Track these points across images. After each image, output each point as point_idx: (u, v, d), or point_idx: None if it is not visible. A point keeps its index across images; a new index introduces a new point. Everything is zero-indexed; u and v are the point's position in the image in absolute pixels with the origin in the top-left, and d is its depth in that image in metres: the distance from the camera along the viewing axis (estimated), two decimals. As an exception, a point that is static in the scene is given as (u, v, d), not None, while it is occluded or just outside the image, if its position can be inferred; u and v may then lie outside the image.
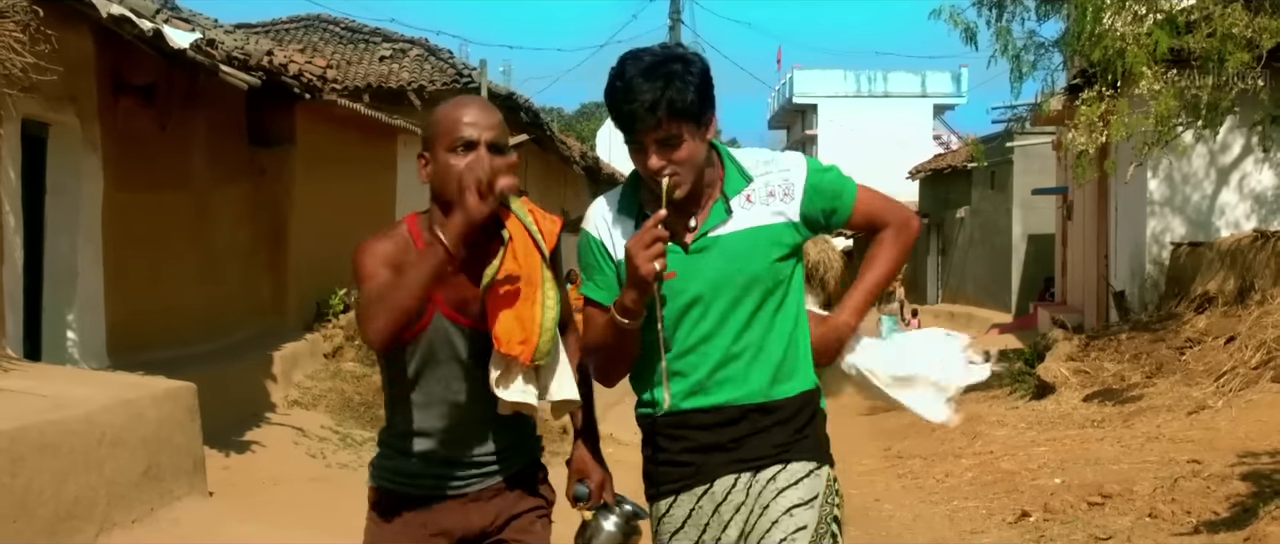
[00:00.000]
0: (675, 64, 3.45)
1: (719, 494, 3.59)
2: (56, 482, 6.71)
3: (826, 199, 3.63)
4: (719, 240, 3.55)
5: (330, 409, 12.29)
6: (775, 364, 3.59)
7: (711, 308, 3.54)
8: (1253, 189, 19.70)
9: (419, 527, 3.65)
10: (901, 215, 3.79)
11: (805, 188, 3.60)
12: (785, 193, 3.60)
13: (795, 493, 3.55)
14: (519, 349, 3.50)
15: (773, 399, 3.58)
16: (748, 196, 3.58)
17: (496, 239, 3.51)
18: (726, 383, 3.56)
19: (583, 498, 3.69)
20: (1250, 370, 12.74)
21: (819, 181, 3.63)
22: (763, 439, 3.57)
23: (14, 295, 8.89)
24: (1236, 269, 15.83)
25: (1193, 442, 10.92)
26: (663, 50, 3.51)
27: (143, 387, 8.37)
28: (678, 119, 3.40)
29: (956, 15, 17.91)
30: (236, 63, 10.99)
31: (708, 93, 3.47)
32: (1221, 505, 8.64)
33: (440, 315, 3.53)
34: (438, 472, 3.64)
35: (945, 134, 65.08)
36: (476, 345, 3.56)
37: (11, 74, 7.95)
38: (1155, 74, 15.11)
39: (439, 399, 3.61)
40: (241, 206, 13.44)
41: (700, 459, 3.60)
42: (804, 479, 3.57)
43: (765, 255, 3.55)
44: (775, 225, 3.57)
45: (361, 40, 25.39)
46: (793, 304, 3.64)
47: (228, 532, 7.93)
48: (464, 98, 3.68)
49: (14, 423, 6.60)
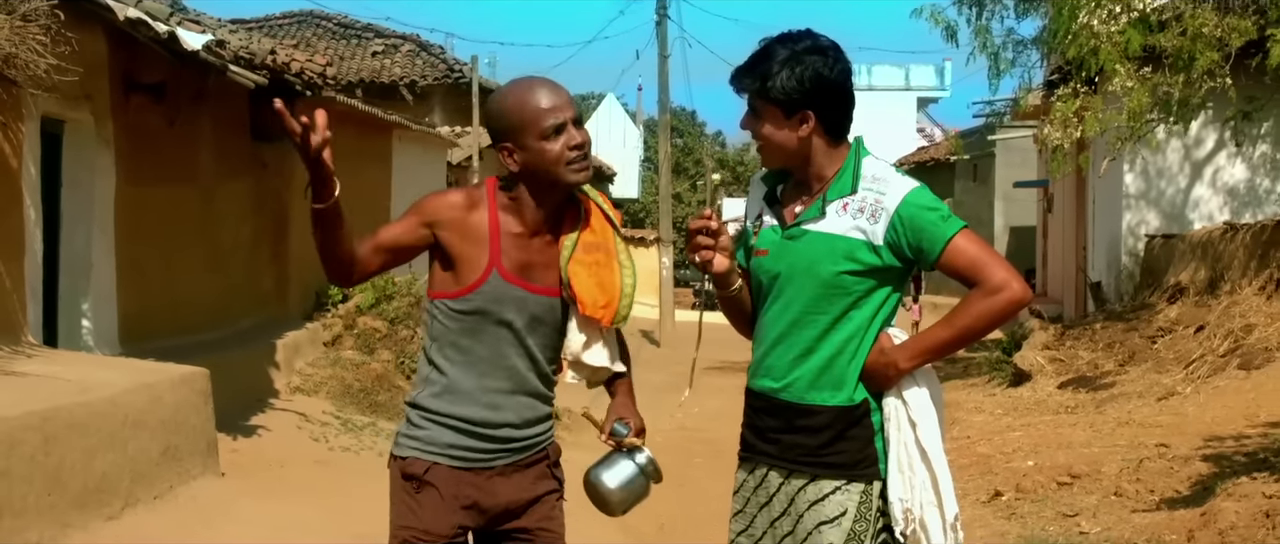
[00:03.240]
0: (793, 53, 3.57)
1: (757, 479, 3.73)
2: (86, 459, 7.12)
3: (914, 235, 3.55)
4: (807, 234, 3.62)
5: (331, 395, 12.54)
6: (817, 370, 3.61)
7: (782, 294, 3.64)
8: (1225, 183, 20.05)
9: (451, 498, 3.71)
10: (997, 279, 3.54)
11: (893, 217, 3.55)
12: (873, 215, 3.57)
13: (823, 509, 3.62)
14: (601, 312, 3.70)
15: (806, 402, 3.63)
16: (845, 204, 3.59)
17: (568, 217, 3.73)
18: (772, 371, 3.68)
19: (622, 435, 3.76)
20: (1218, 358, 13.06)
21: (910, 215, 3.54)
22: (794, 441, 3.65)
23: (34, 285, 9.21)
24: (1207, 260, 16.15)
25: (1161, 426, 11.23)
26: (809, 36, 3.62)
27: (160, 372, 8.75)
28: (759, 96, 3.59)
29: (937, 14, 18.23)
30: (242, 62, 11.35)
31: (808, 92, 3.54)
32: (1183, 484, 8.97)
33: (497, 275, 3.65)
34: (470, 444, 3.71)
35: (929, 127, 65.25)
36: (529, 312, 3.70)
37: (36, 75, 8.30)
38: (1128, 71, 15.35)
39: (484, 360, 3.70)
40: (245, 200, 13.70)
41: (752, 439, 3.76)
42: (831, 496, 3.61)
43: (832, 264, 3.57)
44: (851, 240, 3.56)
45: (354, 36, 25.65)
46: (860, 320, 3.61)
47: (241, 509, 8.29)
48: (530, 82, 3.75)
49: (46, 404, 7.02)
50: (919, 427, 3.64)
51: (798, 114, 3.57)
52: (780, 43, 3.60)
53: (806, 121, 3.58)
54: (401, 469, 3.76)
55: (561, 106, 3.61)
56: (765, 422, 3.70)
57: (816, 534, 3.60)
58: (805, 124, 3.58)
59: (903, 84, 67.22)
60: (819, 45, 3.59)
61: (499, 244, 3.66)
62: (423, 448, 3.73)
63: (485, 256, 3.65)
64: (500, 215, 3.68)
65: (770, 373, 3.68)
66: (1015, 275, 3.56)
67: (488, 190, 3.73)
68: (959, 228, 3.54)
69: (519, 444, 3.77)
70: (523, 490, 3.79)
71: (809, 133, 3.60)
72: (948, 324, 3.61)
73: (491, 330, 3.69)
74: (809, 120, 3.58)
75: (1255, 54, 15.18)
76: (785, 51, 3.57)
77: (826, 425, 3.62)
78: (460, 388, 3.71)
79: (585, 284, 3.69)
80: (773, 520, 3.69)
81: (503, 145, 3.66)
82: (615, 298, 3.73)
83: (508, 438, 3.74)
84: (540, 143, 3.58)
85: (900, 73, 67.35)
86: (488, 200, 3.70)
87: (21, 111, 8.84)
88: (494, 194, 3.71)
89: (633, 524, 9.04)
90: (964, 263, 3.54)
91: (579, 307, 3.69)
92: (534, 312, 3.71)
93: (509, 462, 3.76)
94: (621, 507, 3.76)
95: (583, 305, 3.68)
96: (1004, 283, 3.52)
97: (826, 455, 3.62)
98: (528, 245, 3.69)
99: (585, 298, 3.68)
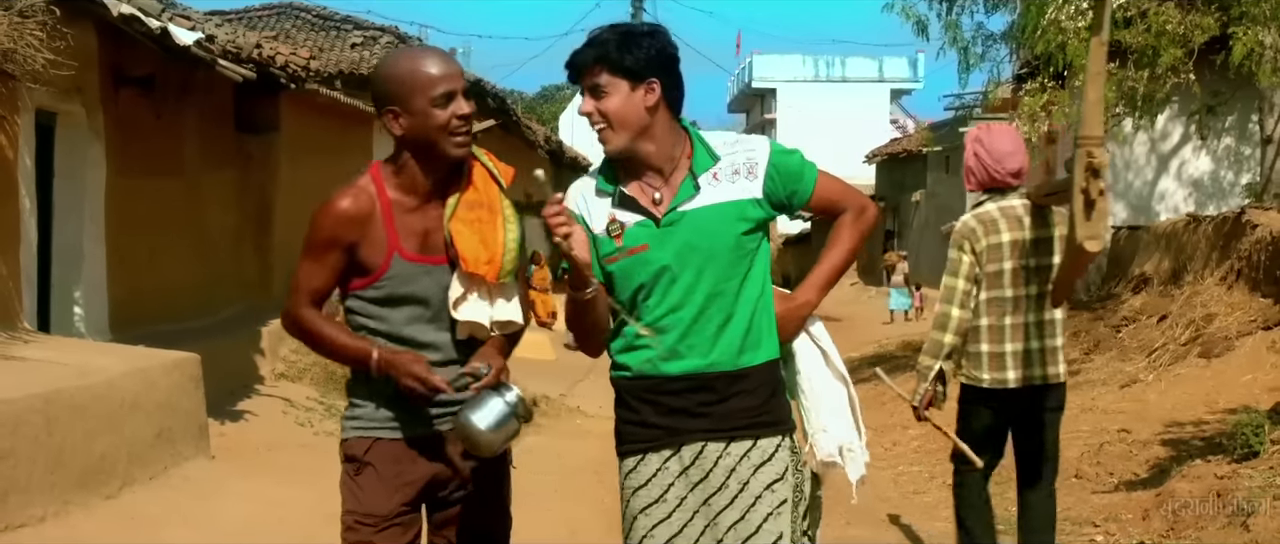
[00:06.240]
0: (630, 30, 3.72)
1: (686, 458, 3.70)
2: (86, 440, 7.36)
3: (788, 181, 3.75)
4: (687, 215, 3.68)
5: (315, 382, 12.73)
6: (742, 334, 3.71)
7: (680, 278, 3.66)
8: (1191, 175, 20.37)
9: (393, 476, 3.74)
10: (859, 201, 3.89)
11: (768, 168, 3.73)
12: (749, 171, 3.72)
13: (771, 470, 3.71)
14: (485, 268, 3.71)
15: (739, 367, 3.70)
16: (714, 174, 3.71)
17: (453, 182, 3.73)
18: (695, 350, 3.68)
19: (481, 376, 3.69)
20: (1180, 346, 13.31)
21: (781, 163, 3.75)
22: (730, 407, 3.69)
23: (29, 273, 9.44)
24: (1171, 251, 16.38)
25: (1123, 413, 11.50)
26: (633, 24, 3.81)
27: (153, 357, 8.98)
28: (607, 70, 3.65)
29: (908, 8, 18.35)
30: (230, 56, 11.57)
31: (654, 61, 3.66)
32: (1142, 468, 9.30)
33: (399, 257, 3.69)
34: (408, 411, 3.73)
35: (902, 118, 65.40)
36: (440, 282, 3.72)
37: (33, 70, 8.54)
38: (1095, 67, 15.69)
39: (408, 340, 3.72)
40: (230, 191, 13.91)
41: (670, 422, 3.71)
42: (775, 454, 3.72)
43: (731, 229, 3.69)
44: (741, 201, 3.70)
45: (333, 27, 25.66)
46: (758, 277, 3.75)
47: (233, 488, 8.53)
48: (422, 50, 3.80)
49: (46, 388, 7.25)
50: (829, 354, 3.96)
51: (644, 82, 3.65)
52: (611, 29, 3.71)
53: (653, 89, 3.66)
54: (345, 452, 3.80)
55: (453, 75, 3.64)
56: (691, 400, 3.71)
57: (769, 494, 3.70)
58: (652, 92, 3.66)
59: (876, 76, 67.40)
60: (650, 28, 3.76)
61: (394, 226, 3.68)
62: (364, 426, 3.77)
63: (385, 242, 3.67)
64: (391, 195, 3.70)
65: (693, 352, 3.70)
66: (866, 198, 3.97)
67: (372, 176, 3.74)
68: (816, 167, 3.84)
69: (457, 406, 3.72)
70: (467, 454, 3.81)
71: (655, 101, 3.67)
72: (833, 249, 3.89)
73: (408, 310, 3.72)
74: (655, 88, 3.66)
75: (1219, 50, 15.48)
76: (620, 32, 3.69)
77: (762, 383, 3.75)
78: None
79: (468, 242, 3.70)
80: (708, 497, 3.71)
81: (388, 109, 3.65)
82: (499, 254, 3.73)
83: (446, 401, 3.72)
84: (429, 108, 3.60)
85: (873, 64, 67.49)
86: (375, 185, 3.72)
87: (17, 105, 9.06)
88: (380, 177, 3.73)
89: (611, 505, 9.32)
90: (834, 194, 3.86)
91: (462, 263, 3.69)
92: (443, 282, 3.74)
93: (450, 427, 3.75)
94: (490, 447, 3.71)
95: (464, 262, 3.69)
96: (866, 203, 3.94)
97: (764, 414, 3.74)
98: (425, 215, 3.72)
99: (467, 255, 3.68)
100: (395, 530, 3.74)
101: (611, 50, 3.65)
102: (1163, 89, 16.05)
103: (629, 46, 3.65)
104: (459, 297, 3.72)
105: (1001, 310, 5.90)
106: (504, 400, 3.67)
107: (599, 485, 9.72)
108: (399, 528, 3.75)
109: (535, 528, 5.71)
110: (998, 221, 5.90)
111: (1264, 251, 13.42)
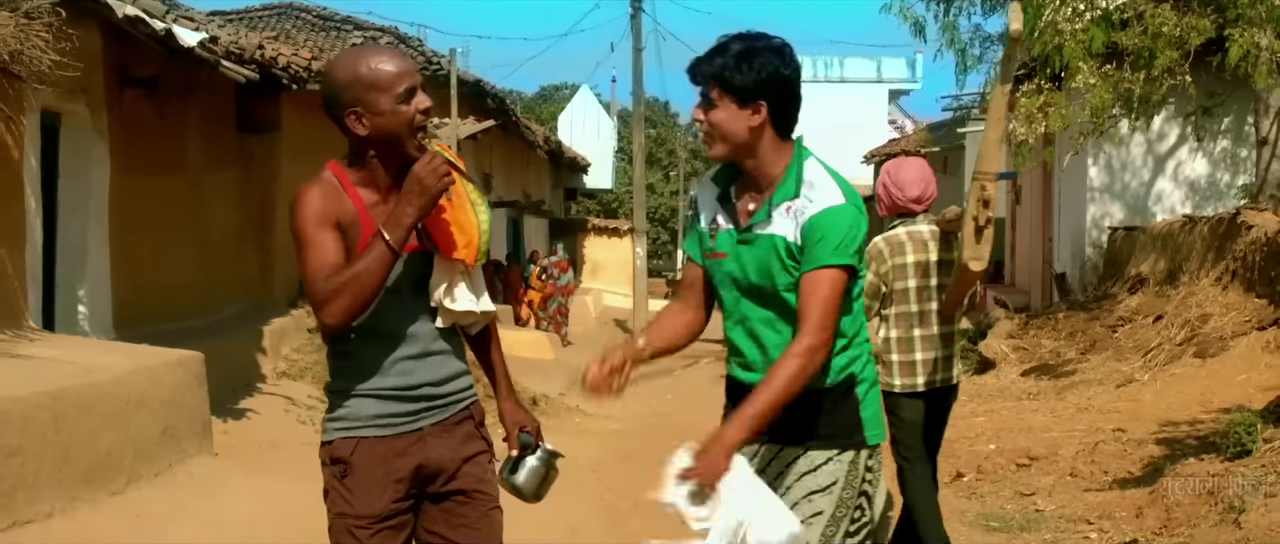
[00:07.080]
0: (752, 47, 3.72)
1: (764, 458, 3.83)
2: (93, 437, 7.46)
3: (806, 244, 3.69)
4: (758, 238, 3.77)
5: (316, 380, 12.64)
6: None
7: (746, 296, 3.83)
8: (1187, 176, 20.46)
9: (381, 475, 3.69)
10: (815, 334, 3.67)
11: (806, 221, 3.70)
12: (796, 217, 3.72)
13: (814, 480, 3.78)
14: (464, 251, 3.72)
15: None
16: (788, 207, 3.73)
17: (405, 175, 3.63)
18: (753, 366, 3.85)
19: (529, 445, 4.00)
20: (1175, 346, 13.48)
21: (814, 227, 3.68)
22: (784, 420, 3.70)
23: (34, 272, 9.51)
24: (1167, 252, 16.54)
25: (1119, 412, 11.67)
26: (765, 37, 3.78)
27: (158, 355, 9.07)
28: (718, 85, 3.70)
29: (906, 9, 18.53)
30: (233, 57, 11.65)
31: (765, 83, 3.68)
32: (1136, 466, 9.43)
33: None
34: (393, 408, 3.71)
35: (901, 119, 65.38)
36: (413, 272, 3.70)
37: (39, 71, 8.62)
38: (1091, 68, 15.76)
39: (385, 333, 3.70)
40: (232, 190, 13.97)
41: None
42: (822, 466, 3.78)
43: (779, 263, 3.74)
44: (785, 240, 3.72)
45: (333, 28, 25.77)
46: None
47: (237, 486, 8.62)
48: (373, 48, 3.78)
49: (54, 385, 7.34)
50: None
51: (752, 104, 3.69)
52: (738, 38, 3.75)
53: (759, 112, 3.70)
54: (329, 454, 3.73)
55: (410, 71, 3.63)
56: None
57: (806, 503, 3.76)
58: (758, 114, 3.70)
59: (875, 76, 67.31)
60: (774, 44, 3.74)
61: (368, 219, 3.64)
62: (347, 427, 3.71)
63: (360, 236, 3.62)
64: (358, 192, 3.67)
65: (751, 367, 3.83)
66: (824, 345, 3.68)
67: (335, 174, 3.70)
68: (837, 263, 3.66)
69: (441, 401, 3.77)
70: (453, 450, 3.79)
71: (760, 123, 3.71)
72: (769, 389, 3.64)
73: (383, 303, 3.65)
74: (761, 111, 3.70)
75: (1215, 52, 15.55)
76: (743, 46, 3.71)
77: (816, 403, 3.77)
78: (371, 365, 3.70)
79: (443, 229, 3.72)
80: None
81: (351, 110, 3.59)
82: (475, 235, 3.76)
83: (429, 396, 3.74)
84: (396, 105, 3.58)
85: (872, 65, 67.38)
86: (339, 180, 3.69)
87: (23, 105, 9.13)
88: (343, 175, 3.70)
89: (610, 502, 9.42)
90: (808, 299, 3.67)
91: (442, 250, 3.72)
92: (416, 271, 3.73)
93: (435, 421, 3.76)
94: (537, 497, 4.07)
95: (445, 249, 3.72)
96: (817, 343, 3.66)
97: (819, 428, 3.80)
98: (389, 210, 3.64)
99: (445, 241, 3.71)
100: (388, 532, 3.72)
101: (726, 68, 3.70)
102: (1159, 90, 16.16)
103: (743, 66, 3.69)
104: (445, 288, 3.75)
105: (909, 324, 6.33)
106: (539, 459, 4.05)
107: (599, 484, 9.75)
108: (392, 529, 3.73)
109: (535, 526, 5.76)
110: (904, 244, 6.36)
111: (1259, 252, 13.52)
